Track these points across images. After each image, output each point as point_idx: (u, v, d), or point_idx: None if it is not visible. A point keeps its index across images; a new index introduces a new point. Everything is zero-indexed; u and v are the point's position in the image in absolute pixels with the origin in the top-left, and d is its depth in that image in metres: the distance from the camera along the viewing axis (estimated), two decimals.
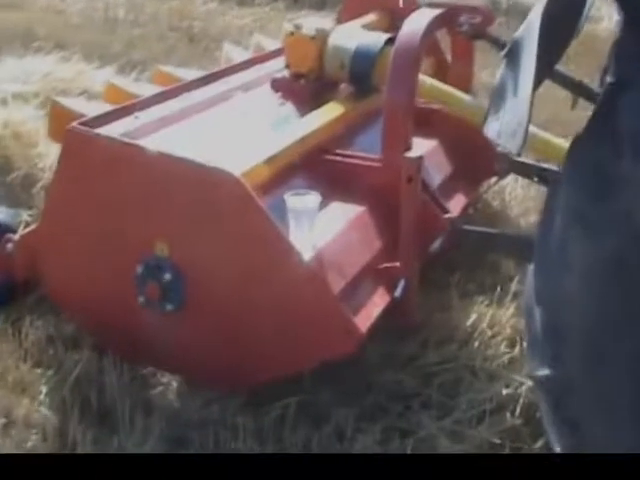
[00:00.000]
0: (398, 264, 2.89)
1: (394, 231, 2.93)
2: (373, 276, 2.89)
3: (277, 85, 3.60)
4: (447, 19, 3.49)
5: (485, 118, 2.30)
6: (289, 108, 3.48)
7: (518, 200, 4.12)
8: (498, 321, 3.13)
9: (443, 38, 4.08)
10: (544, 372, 2.00)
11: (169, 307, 2.74)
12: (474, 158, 3.67)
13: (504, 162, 3.76)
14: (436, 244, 2.98)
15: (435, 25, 3.35)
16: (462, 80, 3.93)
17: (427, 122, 3.68)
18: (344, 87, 3.66)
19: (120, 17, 7.72)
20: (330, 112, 3.43)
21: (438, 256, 3.03)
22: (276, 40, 4.22)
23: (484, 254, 3.51)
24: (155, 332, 2.79)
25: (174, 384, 2.85)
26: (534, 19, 2.12)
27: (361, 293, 2.81)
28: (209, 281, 2.69)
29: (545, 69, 2.23)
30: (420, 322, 3.05)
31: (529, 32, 2.14)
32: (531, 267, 1.99)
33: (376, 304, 2.81)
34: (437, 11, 3.38)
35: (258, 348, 2.68)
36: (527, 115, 2.05)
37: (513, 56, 2.23)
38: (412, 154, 2.96)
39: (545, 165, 3.11)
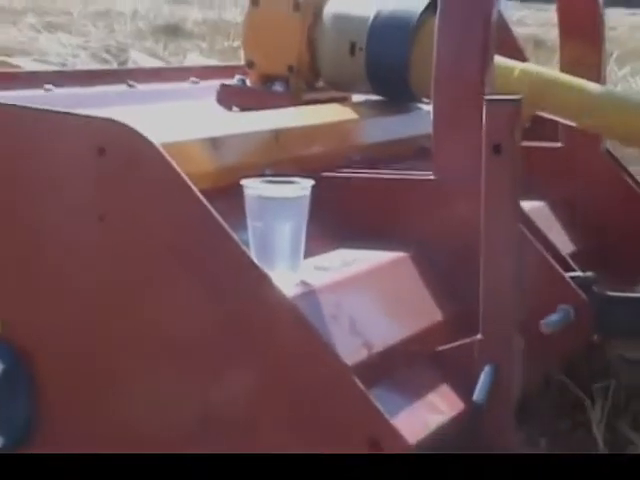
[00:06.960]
0: (479, 337, 1.45)
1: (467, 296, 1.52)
2: (429, 361, 1.50)
3: (227, 95, 2.10)
4: None
5: None
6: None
7: None
8: None
9: None
10: None
11: None
12: None
13: None
14: (553, 317, 1.61)
15: None
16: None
17: None
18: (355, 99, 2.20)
19: None
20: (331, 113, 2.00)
21: (561, 346, 1.68)
22: None
23: None
24: None
25: None
26: None
27: (405, 387, 1.43)
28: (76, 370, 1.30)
29: None
30: None
31: None
32: None
33: (435, 409, 1.41)
34: None
35: None
36: None
37: None
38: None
39: None
